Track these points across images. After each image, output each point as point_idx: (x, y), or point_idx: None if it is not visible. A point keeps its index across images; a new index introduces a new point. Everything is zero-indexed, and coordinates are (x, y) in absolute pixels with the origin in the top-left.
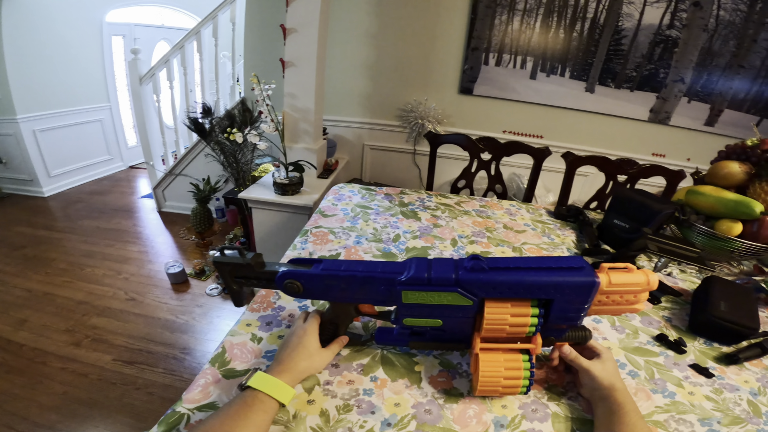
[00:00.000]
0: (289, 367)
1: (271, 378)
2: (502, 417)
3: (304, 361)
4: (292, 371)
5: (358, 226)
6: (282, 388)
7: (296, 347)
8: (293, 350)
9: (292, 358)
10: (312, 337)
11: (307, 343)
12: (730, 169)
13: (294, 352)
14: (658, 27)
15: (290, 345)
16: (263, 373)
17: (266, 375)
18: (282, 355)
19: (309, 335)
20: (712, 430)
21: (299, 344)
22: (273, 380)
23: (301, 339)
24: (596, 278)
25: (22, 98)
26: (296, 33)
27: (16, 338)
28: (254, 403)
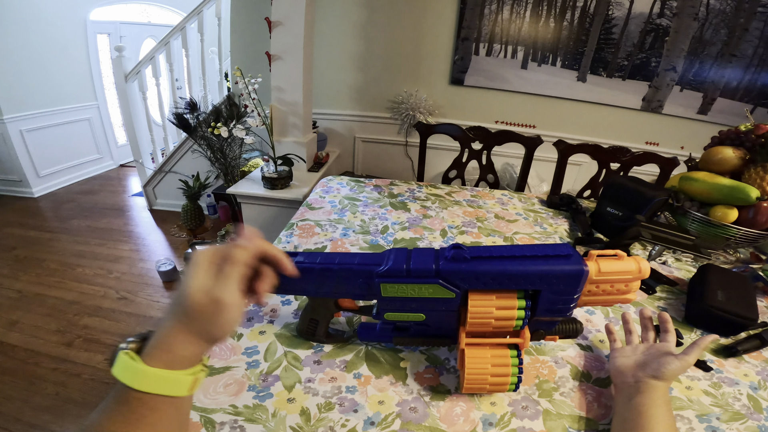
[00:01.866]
0: (167, 338)
1: (136, 368)
2: (491, 415)
3: (182, 309)
4: (171, 333)
5: (345, 219)
6: (165, 380)
7: (179, 302)
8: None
9: (172, 322)
10: (208, 263)
11: (196, 271)
12: (724, 155)
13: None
14: (649, 16)
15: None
16: (127, 359)
17: (131, 363)
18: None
19: (204, 257)
20: (711, 426)
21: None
22: (146, 371)
23: (195, 266)
24: (585, 266)
25: (8, 98)
26: (282, 26)
27: (8, 339)
28: (130, 401)
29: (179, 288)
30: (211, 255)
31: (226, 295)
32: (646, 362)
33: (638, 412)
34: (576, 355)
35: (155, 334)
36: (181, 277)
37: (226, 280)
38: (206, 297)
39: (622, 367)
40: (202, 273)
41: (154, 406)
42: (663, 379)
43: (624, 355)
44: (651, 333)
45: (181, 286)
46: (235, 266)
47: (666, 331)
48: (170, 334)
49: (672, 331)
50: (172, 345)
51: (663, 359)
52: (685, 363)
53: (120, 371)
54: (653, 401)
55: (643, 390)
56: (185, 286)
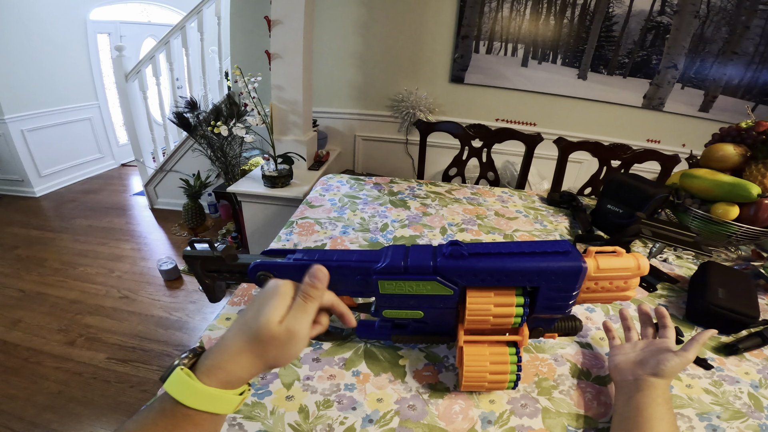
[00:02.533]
0: (228, 360)
1: (193, 386)
2: (490, 413)
3: (254, 338)
4: (237, 359)
5: (345, 216)
6: (215, 398)
7: (258, 310)
8: (249, 316)
9: (237, 345)
10: (284, 299)
11: (270, 305)
12: (725, 152)
13: (249, 318)
14: (649, 13)
15: (251, 307)
16: (184, 376)
17: (187, 379)
18: (227, 336)
19: (281, 294)
20: (712, 425)
21: (262, 305)
22: (198, 389)
23: (270, 299)
24: (583, 263)
25: (9, 98)
26: (281, 24)
27: (11, 338)
28: (175, 416)
29: (251, 313)
30: (291, 289)
31: (301, 328)
32: (645, 359)
33: (638, 411)
34: (575, 353)
35: (216, 353)
36: (255, 303)
37: (303, 315)
38: (283, 327)
39: (622, 365)
40: (282, 304)
41: (198, 422)
42: (663, 377)
43: (623, 352)
44: (650, 329)
45: (254, 312)
46: (314, 304)
47: (664, 327)
48: (234, 356)
49: (671, 327)
50: (234, 366)
51: (662, 356)
52: (684, 359)
53: (174, 387)
54: (653, 399)
55: (642, 388)
56: (263, 314)
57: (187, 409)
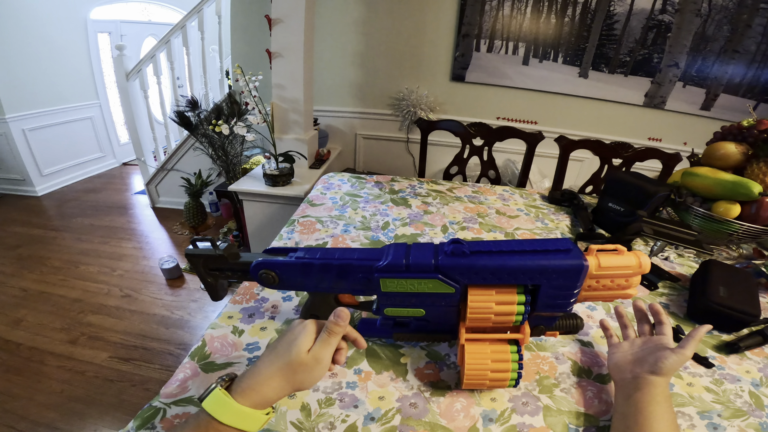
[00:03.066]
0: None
1: (231, 404)
2: (491, 411)
3: (287, 366)
4: (270, 382)
5: (346, 215)
6: (247, 416)
7: (279, 356)
8: (276, 360)
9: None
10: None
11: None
12: (727, 150)
13: (276, 362)
14: (651, 11)
15: (274, 351)
16: (223, 395)
17: (226, 398)
18: (261, 364)
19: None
20: (712, 423)
21: (292, 341)
22: (234, 407)
23: (299, 336)
24: (584, 261)
25: (10, 98)
26: (282, 23)
27: (13, 337)
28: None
29: (283, 345)
30: (315, 326)
31: (325, 356)
32: (643, 357)
33: (637, 409)
34: (576, 351)
35: (249, 377)
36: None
37: (327, 346)
38: (311, 356)
39: (620, 364)
40: (310, 338)
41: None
42: (661, 375)
43: (621, 351)
44: (646, 326)
45: (285, 344)
46: (337, 338)
47: (660, 323)
48: (267, 380)
49: (667, 323)
50: (266, 389)
51: (660, 354)
52: (682, 357)
53: (212, 405)
54: (652, 397)
55: (641, 386)
56: (294, 345)
57: (220, 425)
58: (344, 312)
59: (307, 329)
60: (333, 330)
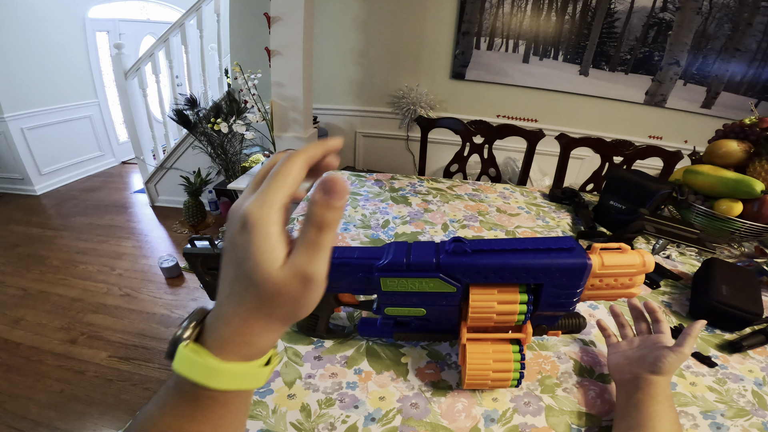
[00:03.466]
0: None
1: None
2: (493, 411)
3: (255, 296)
4: (245, 327)
5: (346, 213)
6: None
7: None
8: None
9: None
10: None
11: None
12: (729, 148)
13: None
14: (651, 9)
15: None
16: (194, 355)
17: (201, 359)
18: (225, 288)
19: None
20: (716, 423)
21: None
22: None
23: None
24: (588, 260)
25: (8, 96)
26: (281, 21)
27: (13, 337)
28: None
29: (235, 262)
30: (273, 212)
31: (318, 269)
32: (642, 357)
33: (638, 409)
34: (579, 351)
35: (221, 326)
36: (235, 245)
37: (320, 252)
38: (291, 273)
39: (620, 364)
40: (273, 241)
41: (226, 401)
42: (661, 374)
43: (620, 350)
44: (643, 324)
45: (239, 260)
46: (332, 233)
47: (657, 321)
48: (246, 325)
49: (664, 320)
50: (251, 336)
51: (659, 353)
52: (681, 355)
53: (186, 367)
54: (653, 397)
55: (642, 386)
56: (253, 263)
57: (209, 390)
58: (339, 182)
59: (259, 229)
60: (325, 221)
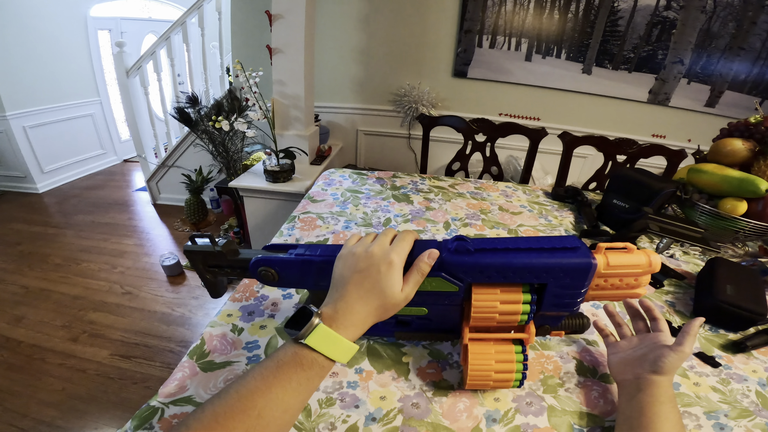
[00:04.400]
0: (360, 321)
1: (338, 338)
2: (495, 411)
3: (378, 313)
4: (362, 327)
5: (347, 211)
6: (347, 349)
7: (373, 294)
8: (372, 298)
9: (366, 310)
10: (399, 272)
11: (391, 285)
12: (734, 147)
13: (372, 300)
14: (655, 8)
15: (364, 285)
16: (329, 330)
17: (332, 333)
18: (353, 299)
19: (396, 268)
20: (719, 423)
21: (382, 291)
22: (340, 341)
23: (388, 274)
24: (593, 260)
25: (10, 95)
26: (282, 19)
27: (14, 335)
28: (312, 366)
29: (371, 282)
30: (402, 259)
31: (413, 293)
32: (642, 357)
33: (641, 410)
34: (582, 351)
35: (346, 313)
36: (369, 270)
37: (416, 286)
38: (404, 296)
39: (620, 365)
40: (400, 277)
41: (326, 367)
42: (662, 374)
43: (620, 350)
44: (640, 322)
45: (375, 283)
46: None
47: (655, 319)
48: (367, 318)
49: (661, 318)
50: (364, 325)
51: (659, 353)
52: (681, 354)
53: (321, 343)
54: (655, 398)
55: (644, 387)
56: (390, 287)
57: (322, 358)
58: (435, 252)
59: (397, 269)
60: (424, 271)
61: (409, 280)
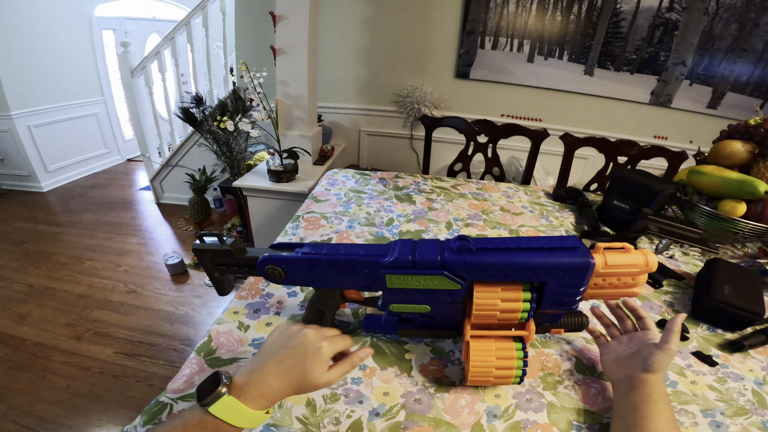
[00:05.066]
0: (272, 393)
1: (242, 409)
2: (495, 407)
3: (293, 390)
4: (274, 398)
5: (350, 211)
6: (254, 418)
7: (292, 372)
8: (288, 376)
9: (281, 385)
10: (321, 365)
11: (311, 369)
12: (733, 149)
13: (289, 378)
14: (658, 9)
15: (286, 362)
16: (234, 401)
17: (237, 404)
18: (269, 374)
19: (320, 359)
20: (715, 421)
21: (301, 371)
22: (244, 412)
23: (306, 362)
24: (591, 259)
25: (15, 94)
26: (286, 20)
27: (19, 333)
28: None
29: (293, 362)
30: (329, 349)
31: (335, 380)
32: (632, 356)
33: (634, 408)
34: (581, 348)
35: (259, 384)
36: (295, 352)
37: (341, 375)
38: (324, 381)
39: (612, 364)
40: (325, 365)
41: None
42: (652, 372)
43: (611, 350)
44: (627, 321)
45: (297, 364)
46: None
47: (641, 318)
48: (282, 391)
49: (646, 316)
50: (278, 397)
51: (647, 351)
52: (668, 352)
53: (222, 411)
54: (647, 396)
55: (636, 385)
56: (312, 372)
57: (229, 426)
58: (370, 351)
59: (323, 356)
60: (356, 365)
61: (338, 367)
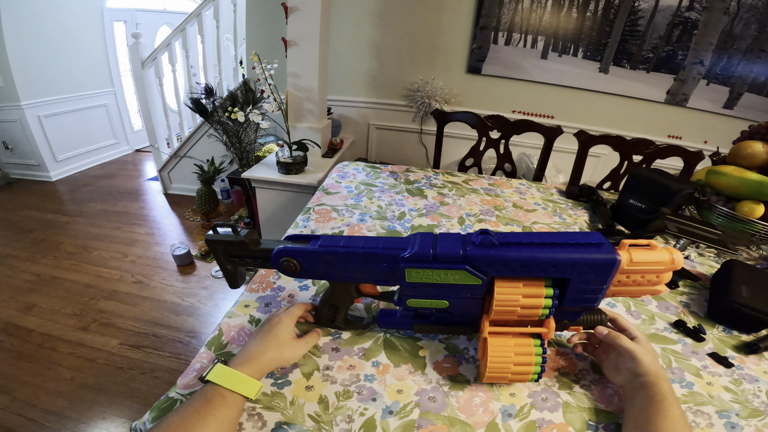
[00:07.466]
0: (254, 356)
1: (232, 371)
2: (510, 406)
3: (271, 351)
4: (258, 361)
5: (362, 204)
6: (245, 381)
7: (266, 336)
8: (262, 339)
9: (259, 348)
10: (285, 327)
11: (278, 332)
12: (753, 149)
13: (263, 341)
14: (677, 8)
15: (260, 333)
16: (223, 366)
17: (227, 368)
18: (249, 344)
19: (283, 324)
20: (730, 422)
21: (269, 333)
22: (234, 374)
23: (273, 328)
24: (617, 256)
25: (25, 84)
26: (298, 12)
27: (25, 323)
28: (215, 398)
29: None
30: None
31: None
32: (618, 367)
33: (640, 411)
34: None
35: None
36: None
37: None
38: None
39: (610, 371)
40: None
41: (229, 403)
42: (644, 375)
43: (603, 358)
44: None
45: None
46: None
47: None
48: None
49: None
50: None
51: (624, 359)
52: (642, 344)
53: (216, 376)
54: (651, 397)
55: (637, 388)
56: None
57: (224, 390)
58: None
59: (285, 322)
60: (315, 341)
61: (306, 339)
